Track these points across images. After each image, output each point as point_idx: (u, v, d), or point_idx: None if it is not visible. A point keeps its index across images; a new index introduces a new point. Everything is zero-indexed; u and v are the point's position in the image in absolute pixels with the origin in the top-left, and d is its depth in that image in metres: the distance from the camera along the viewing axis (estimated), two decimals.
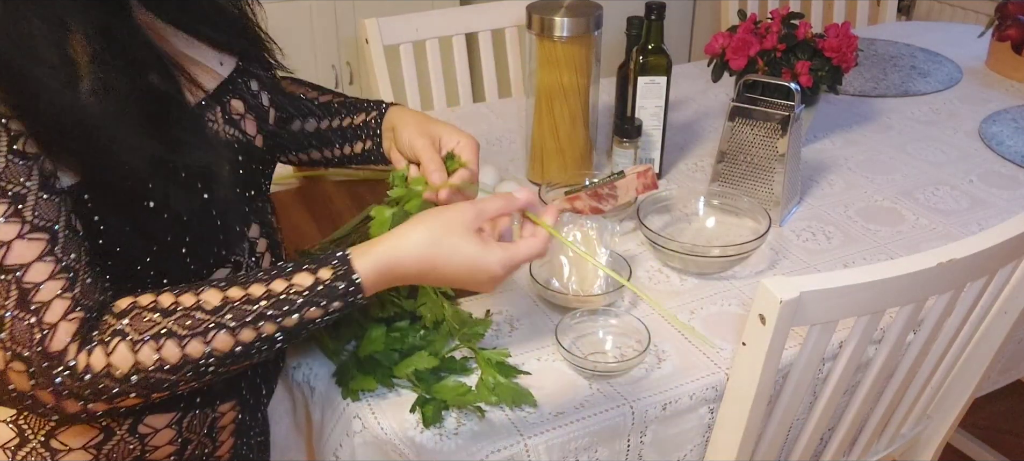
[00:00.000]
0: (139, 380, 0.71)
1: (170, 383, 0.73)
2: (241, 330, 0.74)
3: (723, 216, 1.35)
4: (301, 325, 0.76)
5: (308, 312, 0.76)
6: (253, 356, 0.76)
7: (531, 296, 1.19)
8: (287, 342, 0.77)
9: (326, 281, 0.76)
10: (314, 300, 0.76)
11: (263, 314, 0.74)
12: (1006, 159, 1.59)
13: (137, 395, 0.73)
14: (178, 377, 0.73)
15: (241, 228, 0.89)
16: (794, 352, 1.02)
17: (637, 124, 1.42)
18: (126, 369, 0.71)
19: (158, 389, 0.73)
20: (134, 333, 0.71)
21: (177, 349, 0.72)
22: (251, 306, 0.74)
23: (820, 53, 1.52)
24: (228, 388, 0.89)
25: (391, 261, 0.78)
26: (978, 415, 2.05)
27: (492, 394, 0.98)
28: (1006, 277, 1.10)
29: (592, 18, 1.36)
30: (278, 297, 0.75)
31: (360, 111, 1.05)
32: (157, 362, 0.71)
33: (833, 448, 1.18)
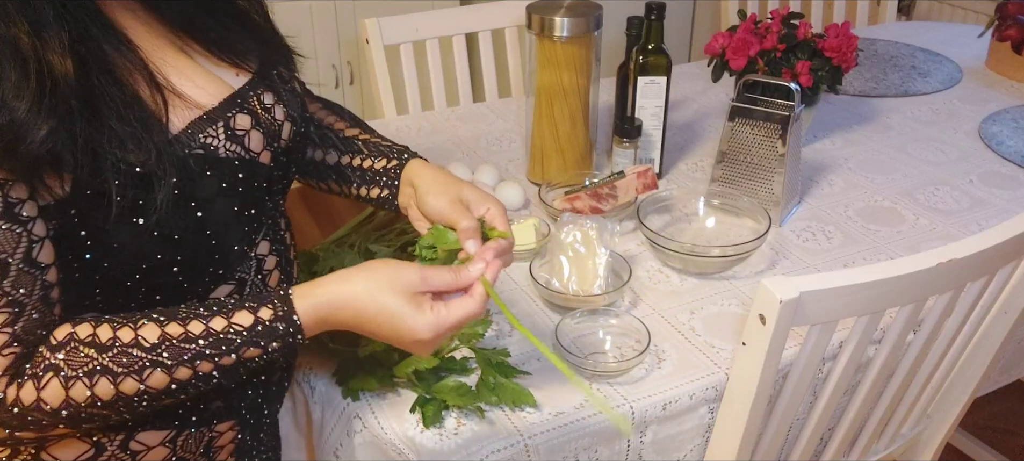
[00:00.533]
0: (69, 414, 0.71)
1: (102, 417, 0.73)
2: (177, 368, 0.73)
3: (723, 216, 1.35)
4: (239, 363, 0.75)
5: (246, 352, 0.75)
6: (189, 392, 0.75)
7: (531, 296, 1.19)
8: (224, 381, 0.76)
9: (266, 321, 0.75)
10: (253, 340, 0.75)
11: (201, 353, 0.73)
12: (1006, 159, 1.59)
13: (66, 427, 0.72)
14: (110, 412, 0.73)
15: (241, 247, 0.87)
16: (794, 352, 1.02)
17: (637, 124, 1.42)
18: (56, 404, 0.71)
19: (90, 421, 0.73)
20: (68, 369, 0.71)
21: (111, 386, 0.71)
22: (188, 345, 0.73)
23: (820, 53, 1.52)
24: (226, 407, 0.87)
25: (330, 307, 0.77)
26: (978, 415, 2.05)
27: (492, 394, 0.98)
28: (1006, 277, 1.10)
29: (592, 18, 1.36)
30: (217, 336, 0.74)
31: (382, 156, 1.02)
32: (90, 398, 0.71)
33: (833, 448, 1.18)
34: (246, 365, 0.75)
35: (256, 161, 0.85)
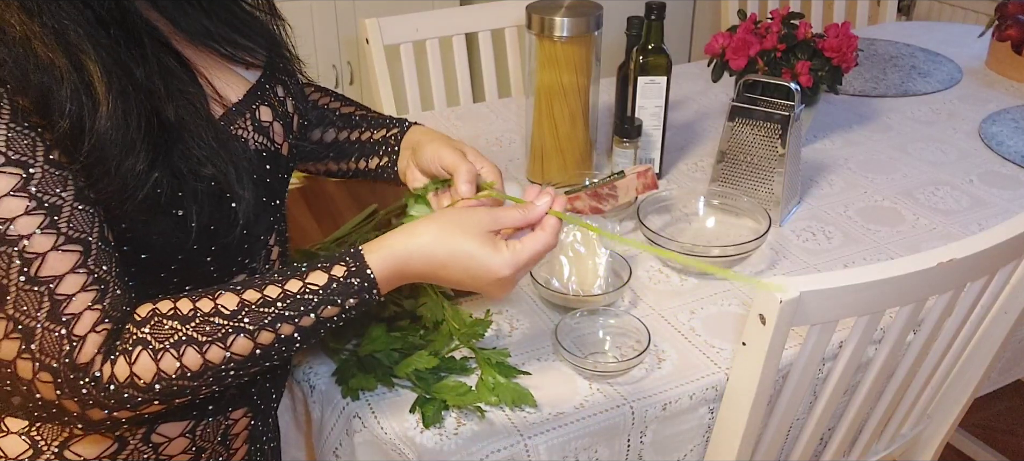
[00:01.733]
0: (162, 388, 0.72)
1: (192, 389, 0.73)
2: (259, 333, 0.74)
3: (723, 216, 1.35)
4: (318, 324, 0.76)
5: (325, 310, 0.76)
6: (273, 358, 0.76)
7: (531, 296, 1.19)
8: (305, 343, 0.77)
9: (340, 278, 0.76)
10: (330, 298, 0.76)
11: (281, 315, 0.74)
12: (1006, 159, 1.59)
13: (160, 402, 0.73)
14: (200, 383, 0.73)
15: (264, 236, 0.89)
16: (794, 352, 1.02)
17: (637, 124, 1.42)
18: (149, 378, 0.71)
19: (181, 395, 0.73)
20: (155, 342, 0.72)
21: (198, 355, 0.72)
22: (268, 308, 0.74)
23: (820, 53, 1.52)
24: (240, 394, 0.88)
25: (402, 257, 0.78)
26: (978, 415, 2.05)
27: (492, 394, 0.98)
28: (1006, 277, 1.10)
29: (592, 18, 1.36)
30: (294, 297, 0.75)
31: (381, 127, 1.04)
32: (179, 369, 0.72)
33: (833, 448, 1.18)
34: (325, 325, 0.76)
35: (279, 152, 0.87)
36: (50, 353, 0.69)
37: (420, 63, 1.84)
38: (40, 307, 0.68)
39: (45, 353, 0.69)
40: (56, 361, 0.69)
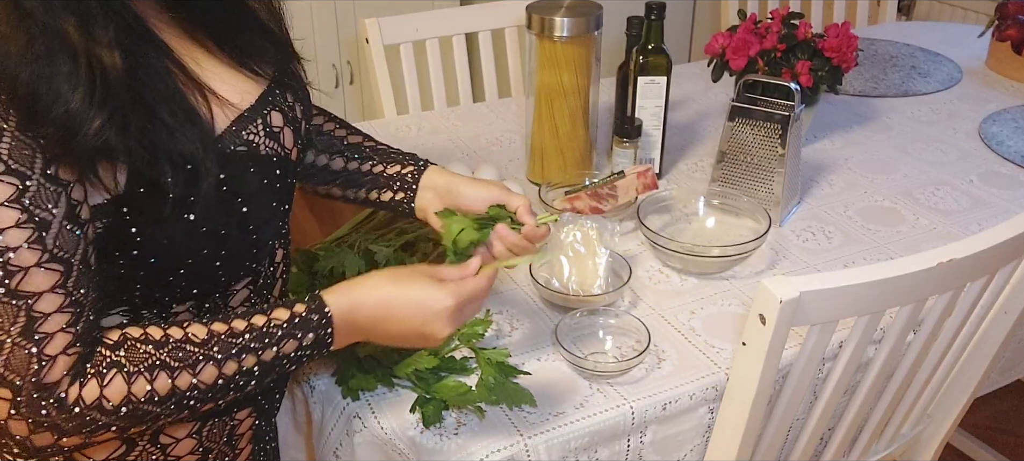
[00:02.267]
0: (127, 411, 0.72)
1: (153, 416, 0.74)
2: (226, 362, 0.75)
3: (723, 216, 1.35)
4: (277, 358, 0.79)
5: (285, 345, 0.78)
6: (230, 391, 0.77)
7: (531, 296, 1.19)
8: (260, 380, 0.79)
9: (301, 314, 0.79)
10: (292, 332, 0.79)
11: (246, 346, 0.76)
12: (1006, 159, 1.59)
13: (118, 427, 0.73)
14: (162, 410, 0.74)
15: (273, 241, 0.90)
16: (794, 352, 1.02)
17: (637, 124, 1.42)
18: (118, 401, 0.72)
19: (141, 422, 0.74)
20: (130, 365, 0.72)
21: (168, 380, 0.73)
22: (235, 339, 0.76)
23: (820, 53, 1.52)
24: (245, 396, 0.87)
25: (356, 297, 0.82)
26: (978, 415, 2.05)
27: (492, 394, 0.98)
28: (1006, 277, 1.10)
29: (592, 18, 1.36)
30: (260, 330, 0.77)
31: (395, 162, 1.06)
32: (148, 393, 0.72)
33: (833, 448, 1.18)
34: (282, 362, 0.79)
35: (289, 158, 0.88)
36: (16, 370, 0.68)
37: (420, 63, 1.84)
38: (14, 322, 0.67)
39: (11, 369, 0.68)
40: (20, 378, 0.68)
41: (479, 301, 0.88)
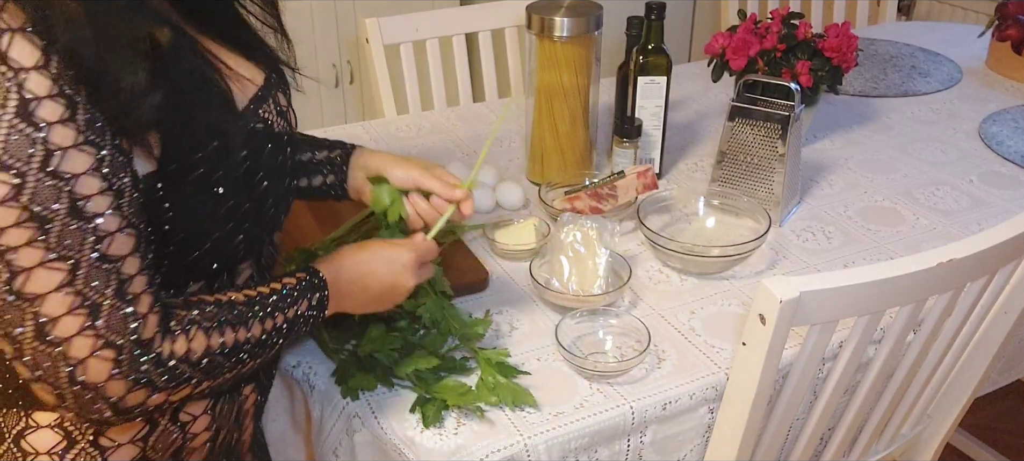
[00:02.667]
0: (207, 364, 0.77)
1: (222, 369, 0.79)
2: (265, 320, 0.82)
3: (723, 216, 1.35)
4: (296, 317, 0.86)
5: (300, 306, 0.86)
6: (267, 348, 0.83)
7: (531, 296, 1.19)
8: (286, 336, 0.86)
9: (305, 279, 0.88)
10: (303, 294, 0.87)
11: (277, 306, 0.84)
12: (1006, 159, 1.59)
13: (197, 382, 0.77)
14: (228, 364, 0.79)
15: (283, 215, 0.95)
16: (794, 352, 1.02)
17: (637, 124, 1.42)
18: (201, 353, 0.76)
19: (213, 375, 0.78)
20: (204, 321, 0.77)
21: (232, 335, 0.79)
22: (267, 301, 0.83)
23: (820, 53, 1.52)
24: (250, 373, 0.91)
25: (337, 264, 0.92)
26: (978, 415, 2.05)
27: (492, 394, 0.98)
28: (1006, 277, 1.10)
29: (592, 18, 1.36)
30: (281, 293, 0.85)
31: (322, 147, 1.12)
32: (221, 345, 0.78)
33: (833, 448, 1.18)
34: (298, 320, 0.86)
35: (294, 137, 0.95)
36: (117, 330, 0.71)
37: (420, 63, 1.84)
38: (108, 284, 0.70)
39: (112, 330, 0.70)
40: (122, 337, 0.71)
41: (431, 257, 1.00)
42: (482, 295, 1.19)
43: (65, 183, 0.66)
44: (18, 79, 0.64)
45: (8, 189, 0.64)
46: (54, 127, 0.65)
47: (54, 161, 0.65)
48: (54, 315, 0.68)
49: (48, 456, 0.80)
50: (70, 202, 0.66)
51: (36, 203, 0.65)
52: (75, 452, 0.81)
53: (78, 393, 0.71)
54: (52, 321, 0.68)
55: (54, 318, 0.68)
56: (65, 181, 0.66)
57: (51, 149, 0.65)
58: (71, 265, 0.67)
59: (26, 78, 0.64)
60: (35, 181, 0.65)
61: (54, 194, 0.65)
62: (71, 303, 0.68)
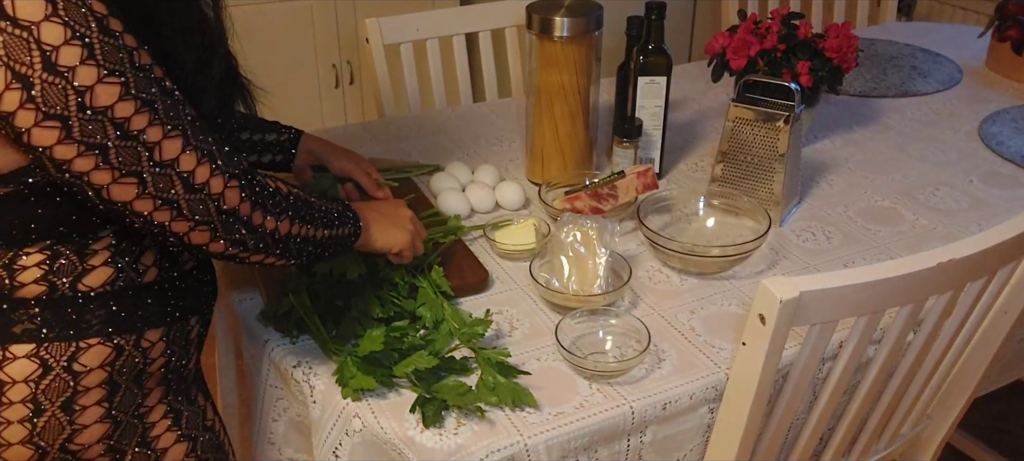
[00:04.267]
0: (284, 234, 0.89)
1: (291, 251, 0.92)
2: (320, 229, 0.94)
3: (723, 216, 1.35)
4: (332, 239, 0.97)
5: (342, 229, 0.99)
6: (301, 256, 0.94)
7: (531, 296, 1.19)
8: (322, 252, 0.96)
9: (339, 206, 0.99)
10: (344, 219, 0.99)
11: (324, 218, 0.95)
12: (1006, 159, 1.59)
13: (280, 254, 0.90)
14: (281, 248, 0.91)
15: None
16: (794, 352, 1.02)
17: (637, 124, 1.42)
18: (270, 228, 0.88)
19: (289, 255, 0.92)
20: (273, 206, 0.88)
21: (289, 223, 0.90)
22: (315, 212, 0.94)
23: (820, 53, 1.52)
24: (194, 303, 0.97)
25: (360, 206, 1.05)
26: (978, 415, 2.05)
27: (492, 394, 0.98)
28: (1006, 277, 1.10)
29: (592, 18, 1.36)
30: (328, 211, 0.96)
31: (270, 130, 1.27)
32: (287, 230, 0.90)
33: (833, 448, 1.18)
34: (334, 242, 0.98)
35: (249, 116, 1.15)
36: (231, 164, 0.84)
37: (420, 63, 1.84)
38: (174, 185, 0.80)
39: (228, 165, 0.83)
40: (237, 168, 0.84)
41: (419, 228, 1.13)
42: (482, 295, 1.19)
43: (150, 70, 0.77)
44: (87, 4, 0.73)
45: (119, 88, 0.75)
46: (125, 34, 0.76)
47: (136, 58, 0.76)
48: (191, 168, 0.80)
49: (24, 384, 0.85)
50: (158, 86, 0.78)
51: (140, 92, 0.76)
52: (50, 378, 0.86)
53: (225, 221, 0.84)
54: (191, 173, 0.80)
55: (192, 170, 0.80)
56: (149, 70, 0.77)
57: (131, 49, 0.76)
58: (181, 129, 0.79)
59: None
60: (133, 76, 0.76)
61: (148, 83, 0.77)
62: (197, 157, 0.81)
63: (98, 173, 0.77)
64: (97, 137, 0.75)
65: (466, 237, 1.30)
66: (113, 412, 0.90)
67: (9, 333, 0.84)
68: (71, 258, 0.84)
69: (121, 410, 0.91)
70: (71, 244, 0.84)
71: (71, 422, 0.88)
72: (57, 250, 0.84)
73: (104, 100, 0.74)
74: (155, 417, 0.95)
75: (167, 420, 0.96)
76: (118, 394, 0.90)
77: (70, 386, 0.86)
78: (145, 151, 0.78)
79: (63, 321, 0.85)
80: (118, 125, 0.76)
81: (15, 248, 0.83)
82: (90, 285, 0.86)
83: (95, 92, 0.74)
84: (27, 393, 0.85)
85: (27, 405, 0.85)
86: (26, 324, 0.84)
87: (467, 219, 1.36)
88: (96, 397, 0.88)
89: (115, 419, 0.90)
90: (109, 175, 0.77)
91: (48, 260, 0.84)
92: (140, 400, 0.92)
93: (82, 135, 0.75)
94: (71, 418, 0.87)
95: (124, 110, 0.75)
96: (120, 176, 0.77)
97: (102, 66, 0.74)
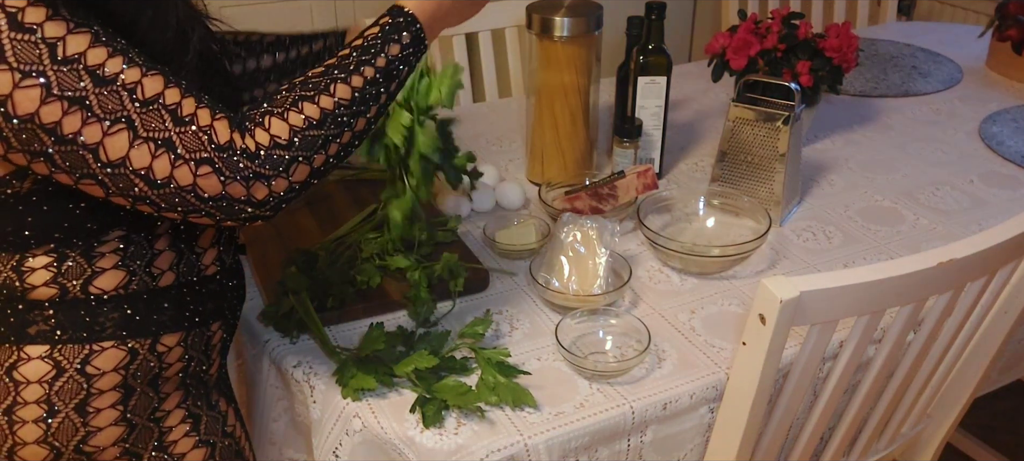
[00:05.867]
0: (300, 140, 0.80)
1: (324, 138, 0.82)
2: (351, 77, 0.84)
3: (723, 216, 1.35)
4: (389, 64, 0.86)
5: (390, 49, 0.87)
6: (369, 104, 0.85)
7: (531, 296, 1.19)
8: (387, 87, 0.87)
9: (388, 22, 0.88)
10: (388, 38, 0.87)
11: (360, 61, 0.85)
12: (1006, 159, 1.59)
13: (304, 159, 0.81)
14: (326, 131, 0.82)
15: None
16: (794, 352, 1.02)
17: (637, 124, 1.42)
18: (286, 135, 0.79)
19: (315, 147, 0.81)
20: (277, 108, 0.80)
21: (314, 106, 0.81)
22: (347, 60, 0.85)
23: (820, 53, 1.52)
24: (216, 309, 0.96)
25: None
26: (978, 415, 2.05)
27: (492, 394, 0.98)
28: (1006, 277, 1.10)
29: (592, 18, 1.36)
30: (363, 47, 0.86)
31: (317, 39, 1.17)
32: (305, 120, 0.80)
33: (833, 448, 1.18)
34: (394, 66, 0.87)
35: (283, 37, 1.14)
36: (196, 147, 0.76)
37: None
38: (164, 120, 0.75)
39: (191, 150, 0.76)
40: (205, 151, 0.76)
41: None
42: (482, 295, 1.19)
43: (77, 63, 0.72)
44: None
45: (40, 90, 0.70)
46: (44, 25, 0.70)
47: (59, 51, 0.71)
48: (146, 164, 0.74)
49: (38, 385, 0.85)
50: (90, 75, 0.72)
51: (66, 89, 0.71)
52: (63, 380, 0.86)
53: (215, 207, 0.78)
54: (148, 169, 0.75)
55: (148, 166, 0.75)
56: (77, 61, 0.72)
57: (51, 43, 0.71)
58: (125, 121, 0.73)
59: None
60: (55, 74, 0.71)
61: (74, 77, 0.71)
62: (150, 150, 0.74)
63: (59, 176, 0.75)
64: (34, 145, 0.72)
65: (466, 237, 1.30)
66: (128, 415, 0.90)
67: (24, 334, 0.85)
68: (78, 260, 0.84)
69: (136, 413, 0.91)
70: (76, 247, 0.84)
71: (85, 424, 0.88)
72: (63, 253, 0.84)
73: (26, 106, 0.70)
74: (173, 421, 0.94)
75: (185, 425, 0.95)
76: (133, 397, 0.90)
77: (84, 388, 0.86)
78: (88, 154, 0.73)
79: (76, 323, 0.85)
80: (49, 131, 0.72)
81: (20, 251, 0.83)
82: (102, 288, 0.85)
83: (14, 99, 0.70)
84: (41, 394, 0.85)
85: (41, 406, 0.86)
86: (41, 326, 0.85)
87: (467, 219, 1.36)
88: (110, 400, 0.88)
89: (130, 422, 0.90)
90: (68, 178, 0.75)
91: (55, 262, 0.84)
92: (156, 404, 0.92)
93: (21, 145, 0.72)
94: (85, 420, 0.88)
95: (51, 113, 0.71)
96: (79, 178, 0.75)
97: (16, 69, 0.69)
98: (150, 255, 0.88)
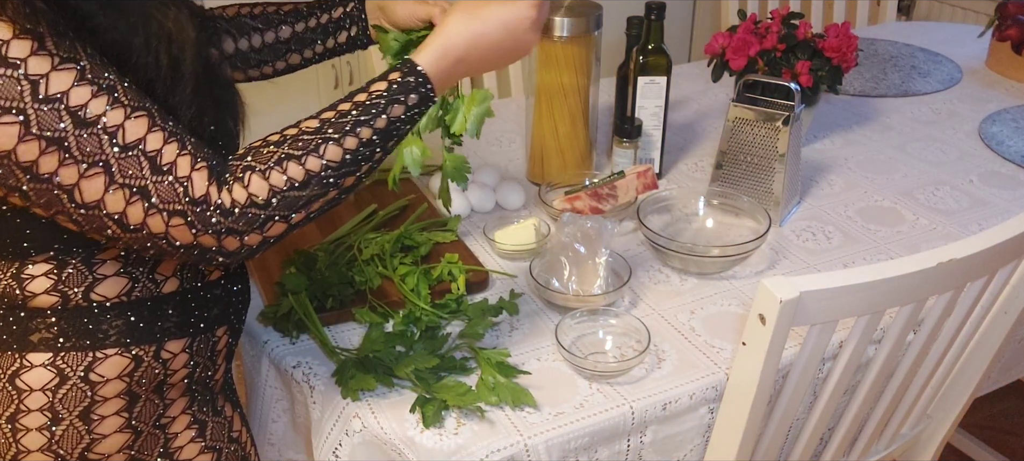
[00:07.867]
0: (279, 201, 0.79)
1: (305, 199, 0.81)
2: (345, 138, 0.82)
3: (723, 216, 1.35)
4: (390, 124, 0.84)
5: (393, 110, 0.85)
6: (360, 162, 0.83)
7: (531, 296, 1.19)
8: (383, 146, 0.85)
9: (397, 80, 0.86)
10: (394, 98, 0.85)
11: (358, 121, 0.83)
12: (1006, 159, 1.59)
13: (280, 218, 0.80)
14: (309, 192, 0.81)
15: None
16: (794, 352, 1.02)
17: (637, 124, 1.42)
18: (265, 194, 0.79)
19: (295, 207, 0.80)
20: (260, 164, 0.79)
21: (299, 167, 0.80)
22: (345, 119, 0.83)
23: (820, 53, 1.52)
24: (222, 315, 0.95)
25: (442, 43, 0.88)
26: (978, 415, 2.05)
27: (492, 394, 0.98)
28: (1006, 277, 1.10)
29: (592, 18, 1.36)
30: (364, 105, 0.84)
31: (335, 5, 1.12)
32: (287, 181, 0.79)
33: (833, 448, 1.18)
34: (396, 125, 0.85)
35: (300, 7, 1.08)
36: (170, 199, 0.75)
37: None
38: (142, 167, 0.74)
39: (166, 201, 0.75)
40: (178, 204, 0.76)
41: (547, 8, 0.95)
42: (482, 295, 1.19)
43: (59, 102, 0.71)
44: None
45: (17, 128, 0.70)
46: (28, 61, 0.70)
47: (41, 89, 0.70)
48: (120, 210, 0.74)
49: (41, 392, 0.85)
50: (71, 116, 0.71)
51: (45, 129, 0.71)
52: (67, 388, 0.85)
53: (186, 254, 0.78)
54: (122, 214, 0.75)
55: (122, 212, 0.74)
56: (58, 101, 0.71)
57: (34, 80, 0.70)
58: (103, 166, 0.73)
59: None
60: (35, 112, 0.70)
61: (54, 116, 0.71)
62: (125, 196, 0.74)
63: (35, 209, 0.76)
64: (10, 181, 0.73)
65: (466, 237, 1.30)
66: (133, 422, 0.89)
67: (27, 341, 0.84)
68: (79, 268, 0.83)
69: (141, 420, 0.90)
70: (77, 255, 0.83)
71: (90, 432, 0.87)
72: (63, 261, 0.83)
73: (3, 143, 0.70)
74: (178, 428, 0.94)
75: (191, 430, 0.95)
76: (138, 404, 0.89)
77: (87, 396, 0.86)
78: (63, 194, 0.73)
79: (79, 331, 0.84)
80: (26, 169, 0.72)
81: (19, 260, 0.82)
82: (104, 295, 0.85)
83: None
84: (44, 402, 0.85)
85: (45, 413, 0.85)
86: (43, 333, 0.84)
87: (467, 219, 1.36)
88: (115, 407, 0.88)
89: (135, 429, 0.90)
90: (43, 211, 0.76)
91: (55, 270, 0.83)
92: (162, 411, 0.91)
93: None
94: (90, 428, 0.87)
95: (27, 152, 0.71)
96: (53, 214, 0.75)
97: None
98: (153, 261, 0.87)
